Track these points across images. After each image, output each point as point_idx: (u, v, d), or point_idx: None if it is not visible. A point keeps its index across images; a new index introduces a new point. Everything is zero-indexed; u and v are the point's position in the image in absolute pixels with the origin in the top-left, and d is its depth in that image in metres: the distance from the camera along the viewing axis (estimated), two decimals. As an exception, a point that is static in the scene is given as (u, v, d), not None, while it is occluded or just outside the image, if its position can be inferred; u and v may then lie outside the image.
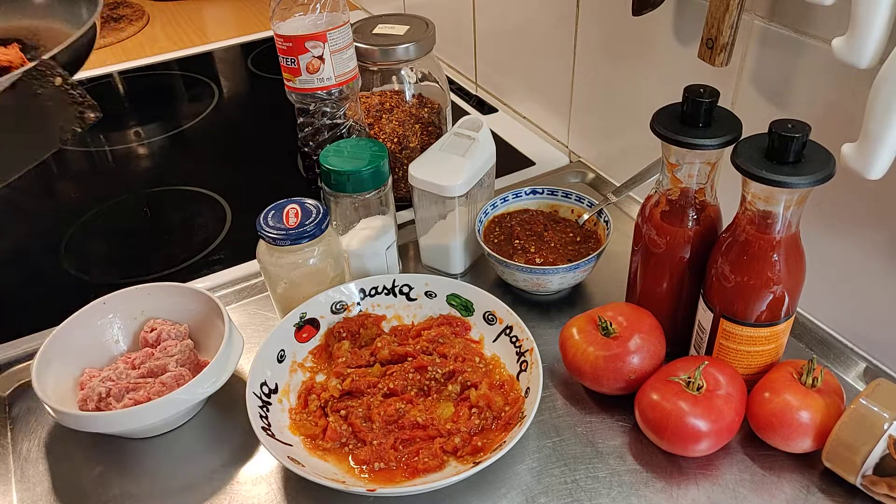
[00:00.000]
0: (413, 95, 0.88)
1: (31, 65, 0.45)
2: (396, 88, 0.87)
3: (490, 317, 0.68)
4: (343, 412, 0.61)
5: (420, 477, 0.56)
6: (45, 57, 0.47)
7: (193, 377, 0.61)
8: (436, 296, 0.71)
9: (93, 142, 1.12)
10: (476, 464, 0.55)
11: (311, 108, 0.79)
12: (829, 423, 0.54)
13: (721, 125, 0.56)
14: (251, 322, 0.75)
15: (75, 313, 0.66)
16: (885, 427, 0.51)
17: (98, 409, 0.61)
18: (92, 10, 0.69)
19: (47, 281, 0.83)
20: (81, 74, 1.29)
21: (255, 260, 0.68)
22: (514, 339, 0.65)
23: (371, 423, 0.60)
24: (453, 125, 0.79)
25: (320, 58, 0.74)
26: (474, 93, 1.17)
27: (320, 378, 0.66)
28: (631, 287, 0.68)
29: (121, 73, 1.31)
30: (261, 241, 0.67)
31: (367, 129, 0.86)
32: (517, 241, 0.75)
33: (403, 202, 0.87)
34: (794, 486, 0.56)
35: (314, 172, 0.80)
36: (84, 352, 0.66)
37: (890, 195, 0.58)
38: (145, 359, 0.65)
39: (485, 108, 1.13)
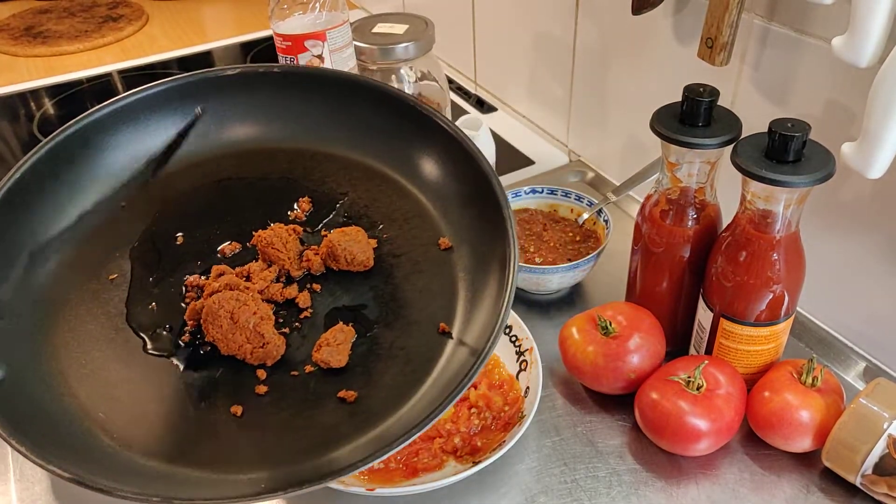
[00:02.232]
0: (412, 94, 0.88)
1: None
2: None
3: (489, 316, 0.68)
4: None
5: (419, 477, 0.56)
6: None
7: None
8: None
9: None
10: (475, 463, 0.55)
11: (310, 107, 0.79)
12: (828, 423, 0.54)
13: (721, 124, 0.56)
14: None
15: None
16: (885, 426, 0.51)
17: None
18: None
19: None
20: (80, 74, 1.29)
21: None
22: (513, 339, 0.65)
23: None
24: (453, 124, 0.79)
25: (319, 57, 0.74)
26: (474, 92, 1.17)
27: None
28: (631, 286, 0.68)
29: (120, 72, 1.31)
30: None
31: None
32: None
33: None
34: (793, 485, 0.56)
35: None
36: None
37: (890, 194, 0.58)
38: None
39: (484, 107, 1.12)
